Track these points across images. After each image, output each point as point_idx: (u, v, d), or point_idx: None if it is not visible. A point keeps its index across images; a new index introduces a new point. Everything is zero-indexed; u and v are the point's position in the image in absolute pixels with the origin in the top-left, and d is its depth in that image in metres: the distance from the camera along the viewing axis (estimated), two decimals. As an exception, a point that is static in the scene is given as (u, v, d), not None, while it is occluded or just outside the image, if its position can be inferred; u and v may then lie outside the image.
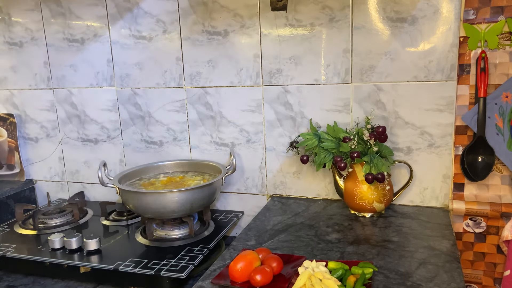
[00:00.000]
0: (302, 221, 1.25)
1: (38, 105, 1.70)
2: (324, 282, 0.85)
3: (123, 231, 1.35)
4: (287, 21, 1.32)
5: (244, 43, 1.38)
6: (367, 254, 1.03)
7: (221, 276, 0.94)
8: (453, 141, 1.23)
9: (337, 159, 1.23)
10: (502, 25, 1.13)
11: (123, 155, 1.63)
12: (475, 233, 1.23)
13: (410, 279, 0.90)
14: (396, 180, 1.32)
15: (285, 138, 1.41)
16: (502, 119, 1.16)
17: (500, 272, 1.22)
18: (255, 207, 1.47)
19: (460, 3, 1.16)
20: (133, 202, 1.24)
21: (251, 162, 1.47)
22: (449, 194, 1.27)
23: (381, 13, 1.23)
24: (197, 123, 1.50)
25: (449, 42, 1.19)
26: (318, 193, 1.42)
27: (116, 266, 1.11)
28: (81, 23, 1.56)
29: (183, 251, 1.18)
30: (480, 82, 1.15)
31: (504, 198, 1.20)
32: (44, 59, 1.65)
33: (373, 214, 1.25)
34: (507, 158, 1.17)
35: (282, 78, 1.36)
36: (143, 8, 1.47)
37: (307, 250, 1.06)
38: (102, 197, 1.65)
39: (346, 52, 1.29)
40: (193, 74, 1.46)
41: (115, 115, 1.60)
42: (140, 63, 1.52)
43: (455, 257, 0.99)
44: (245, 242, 1.12)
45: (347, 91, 1.31)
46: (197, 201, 1.24)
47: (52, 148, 1.73)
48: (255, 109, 1.42)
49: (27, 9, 1.62)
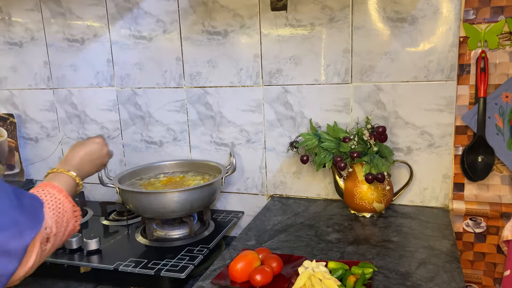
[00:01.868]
0: (302, 221, 1.25)
1: (38, 105, 1.70)
2: (324, 282, 0.85)
3: (123, 231, 1.35)
4: (287, 21, 1.32)
5: (244, 43, 1.38)
6: (367, 254, 1.03)
7: (221, 276, 0.94)
8: (453, 141, 1.23)
9: (337, 159, 1.23)
10: (502, 25, 1.13)
11: (123, 155, 1.63)
12: (475, 233, 1.23)
13: (410, 279, 0.90)
14: (396, 180, 1.32)
15: (285, 138, 1.41)
16: (502, 119, 1.16)
17: (500, 272, 1.22)
18: (255, 207, 1.47)
19: (460, 3, 1.16)
20: (133, 202, 1.24)
21: (251, 162, 1.47)
22: (449, 194, 1.27)
23: (381, 13, 1.23)
24: (197, 123, 1.50)
25: (449, 42, 1.19)
26: (318, 193, 1.42)
27: (116, 266, 1.11)
28: (81, 23, 1.56)
29: (183, 251, 1.18)
30: (480, 82, 1.15)
31: (504, 198, 1.20)
32: (44, 59, 1.65)
33: (373, 214, 1.25)
34: (507, 158, 1.17)
35: (282, 78, 1.36)
36: (143, 8, 1.47)
37: (307, 250, 1.06)
38: (102, 197, 1.65)
39: (346, 52, 1.29)
40: (193, 74, 1.46)
41: (115, 115, 1.60)
42: (140, 63, 1.52)
43: (455, 257, 0.99)
44: (245, 242, 1.12)
45: (347, 91, 1.31)
46: (197, 201, 1.24)
47: (52, 148, 1.73)
48: (255, 109, 1.42)
49: (27, 9, 1.62)
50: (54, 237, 0.74)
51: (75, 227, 0.82)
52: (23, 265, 0.67)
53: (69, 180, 0.87)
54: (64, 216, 0.78)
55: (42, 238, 0.71)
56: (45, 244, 0.72)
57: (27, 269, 0.68)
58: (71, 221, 0.80)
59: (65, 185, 0.85)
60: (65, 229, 0.78)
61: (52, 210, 0.76)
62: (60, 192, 0.80)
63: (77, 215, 0.83)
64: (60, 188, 0.81)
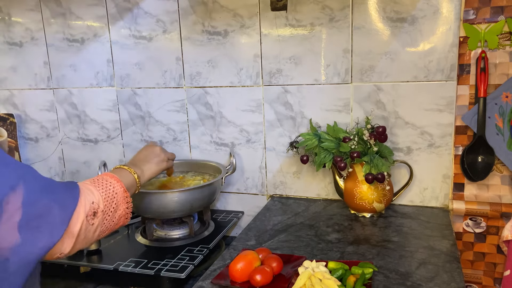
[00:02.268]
0: (302, 221, 1.25)
1: (38, 105, 1.70)
2: (324, 282, 0.85)
3: (123, 231, 1.35)
4: (287, 21, 1.32)
5: (244, 43, 1.38)
6: (367, 254, 1.03)
7: (221, 276, 0.94)
8: (453, 141, 1.23)
9: (337, 159, 1.23)
10: (502, 25, 1.13)
11: (123, 155, 1.63)
12: (475, 233, 1.23)
13: (410, 279, 0.90)
14: (396, 180, 1.32)
15: (285, 138, 1.41)
16: (502, 119, 1.16)
17: (500, 272, 1.22)
18: (255, 207, 1.47)
19: (460, 3, 1.16)
20: (133, 202, 1.23)
21: (251, 162, 1.47)
22: (449, 194, 1.27)
23: (381, 13, 1.23)
24: (197, 123, 1.50)
25: (449, 42, 1.19)
26: (318, 193, 1.42)
27: (116, 266, 1.11)
28: (81, 23, 1.56)
29: (183, 251, 1.18)
30: (480, 82, 1.15)
31: (504, 198, 1.20)
32: (44, 59, 1.65)
33: (373, 214, 1.25)
34: (507, 158, 1.17)
35: (282, 78, 1.36)
36: (143, 8, 1.47)
37: (307, 250, 1.06)
38: (102, 197, 1.65)
39: (346, 52, 1.29)
40: (193, 74, 1.46)
41: (115, 115, 1.60)
42: (140, 63, 1.52)
43: (455, 257, 0.99)
44: (245, 242, 1.12)
45: (347, 91, 1.31)
46: (197, 201, 1.24)
47: (52, 148, 1.73)
48: (255, 109, 1.42)
49: (27, 9, 1.62)
50: (102, 213, 0.79)
51: (126, 214, 0.88)
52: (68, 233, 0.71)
53: (129, 175, 0.95)
54: (114, 197, 0.84)
55: (89, 211, 0.76)
56: (92, 218, 0.76)
57: (73, 240, 0.73)
58: (121, 205, 0.85)
59: (122, 177, 0.91)
60: (114, 210, 0.83)
61: (102, 189, 0.82)
62: (112, 177, 0.87)
63: (129, 201, 0.88)
64: (116, 177, 0.88)
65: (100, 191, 0.81)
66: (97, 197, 0.79)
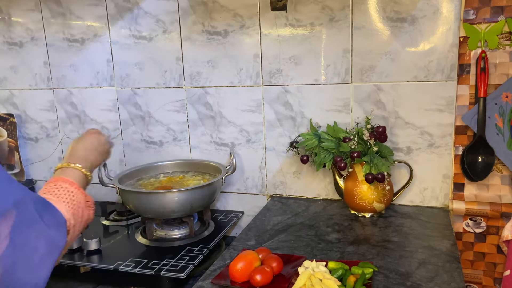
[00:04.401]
0: (302, 221, 1.25)
1: (38, 105, 1.70)
2: (324, 282, 0.85)
3: (123, 231, 1.35)
4: (287, 21, 1.32)
5: (244, 43, 1.38)
6: (367, 254, 1.03)
7: (221, 276, 0.94)
8: (453, 141, 1.23)
9: (337, 159, 1.23)
10: (502, 25, 1.13)
11: (123, 155, 1.63)
12: (475, 233, 1.23)
13: (410, 279, 0.90)
14: (396, 180, 1.32)
15: (285, 138, 1.41)
16: (502, 119, 1.16)
17: (500, 272, 1.22)
18: (255, 207, 1.47)
19: (460, 3, 1.16)
20: (133, 202, 1.24)
21: (251, 162, 1.47)
22: (449, 194, 1.27)
23: (381, 13, 1.23)
24: (197, 123, 1.50)
25: (449, 42, 1.19)
26: (318, 193, 1.42)
27: (116, 266, 1.11)
28: (81, 23, 1.56)
29: (183, 251, 1.18)
30: (480, 82, 1.15)
31: (504, 198, 1.20)
32: (44, 59, 1.65)
33: (373, 214, 1.25)
34: (507, 158, 1.17)
35: (282, 78, 1.36)
36: (143, 8, 1.47)
37: (307, 250, 1.06)
38: (102, 197, 1.65)
39: (346, 52, 1.29)
40: (193, 74, 1.46)
41: (115, 115, 1.60)
42: (140, 63, 1.52)
43: (455, 257, 0.99)
44: (245, 242, 1.12)
45: (347, 91, 1.31)
46: (197, 201, 1.24)
47: (52, 148, 1.73)
48: (255, 109, 1.42)
49: (27, 9, 1.62)
50: (73, 228, 0.77)
51: (89, 216, 0.85)
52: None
53: (77, 172, 0.90)
54: (79, 207, 0.81)
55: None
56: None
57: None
58: (85, 211, 0.83)
59: (74, 178, 0.87)
60: (81, 219, 0.81)
61: (68, 204, 0.79)
62: (71, 184, 0.83)
63: (90, 204, 0.86)
64: (71, 181, 0.84)
65: (68, 206, 0.78)
66: (67, 215, 0.75)
